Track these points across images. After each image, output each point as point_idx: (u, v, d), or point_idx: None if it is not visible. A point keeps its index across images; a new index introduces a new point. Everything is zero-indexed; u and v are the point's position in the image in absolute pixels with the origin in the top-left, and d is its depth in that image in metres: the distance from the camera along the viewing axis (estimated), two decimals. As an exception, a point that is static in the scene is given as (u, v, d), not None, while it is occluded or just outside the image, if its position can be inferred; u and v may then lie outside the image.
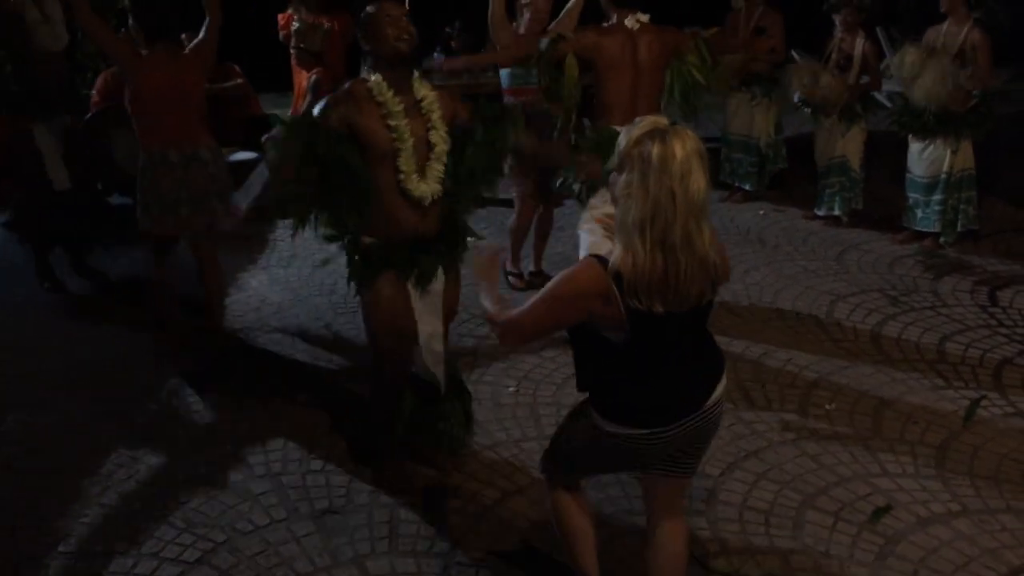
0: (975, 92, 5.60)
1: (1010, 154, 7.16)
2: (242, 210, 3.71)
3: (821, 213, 6.53)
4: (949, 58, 5.49)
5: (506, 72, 5.28)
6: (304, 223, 3.19)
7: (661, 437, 2.37)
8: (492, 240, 6.00)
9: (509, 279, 5.44)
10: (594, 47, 4.25)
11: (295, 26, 6.87)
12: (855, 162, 6.30)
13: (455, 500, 3.44)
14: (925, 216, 5.97)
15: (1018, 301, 5.18)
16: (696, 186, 2.14)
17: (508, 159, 3.45)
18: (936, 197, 5.87)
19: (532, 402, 4.13)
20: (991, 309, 5.09)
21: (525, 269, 5.54)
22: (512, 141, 3.42)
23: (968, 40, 5.51)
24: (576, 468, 2.70)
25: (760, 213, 6.76)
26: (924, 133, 5.81)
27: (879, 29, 5.83)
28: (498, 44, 4.96)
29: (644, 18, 4.30)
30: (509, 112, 3.47)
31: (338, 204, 3.15)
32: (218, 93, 5.27)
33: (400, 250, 3.18)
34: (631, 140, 2.19)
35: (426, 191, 3.14)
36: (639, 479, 2.81)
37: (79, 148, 5.21)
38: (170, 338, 4.63)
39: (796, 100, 6.30)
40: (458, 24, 8.58)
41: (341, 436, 3.84)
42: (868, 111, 6.22)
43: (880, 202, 6.56)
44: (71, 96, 5.16)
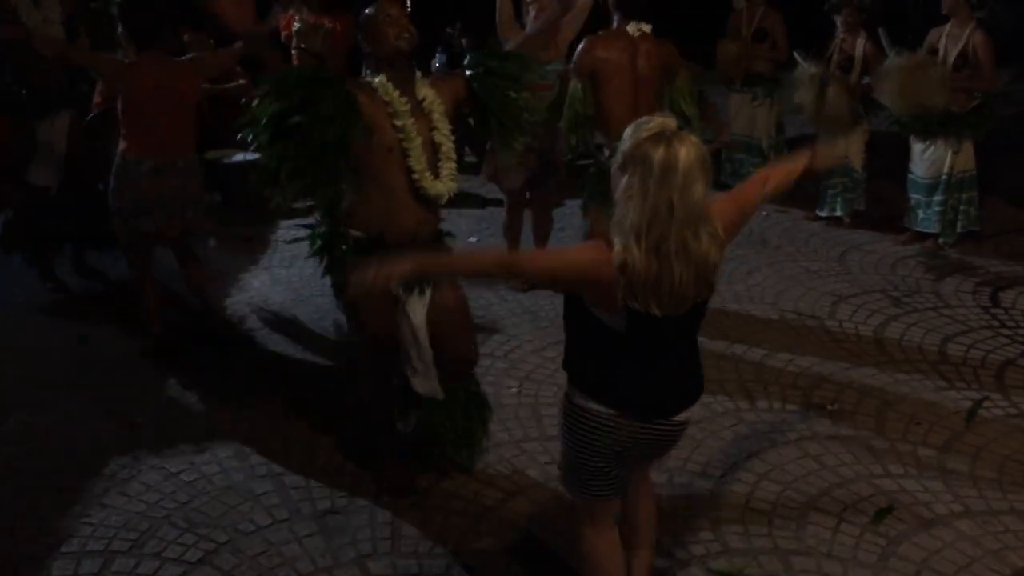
0: (976, 93, 5.61)
1: (1011, 155, 7.15)
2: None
3: (823, 214, 6.53)
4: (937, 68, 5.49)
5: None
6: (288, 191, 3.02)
7: (623, 428, 2.36)
8: (492, 241, 6.01)
9: (510, 280, 5.43)
10: (599, 63, 4.33)
11: (296, 27, 6.85)
12: (857, 163, 6.30)
13: (457, 501, 3.43)
14: (926, 217, 5.96)
15: (1020, 302, 5.17)
16: (696, 197, 2.13)
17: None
18: (937, 198, 5.87)
19: (534, 403, 4.13)
20: (993, 310, 5.08)
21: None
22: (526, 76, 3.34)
23: (970, 42, 5.51)
24: (576, 468, 2.68)
25: (762, 214, 6.75)
26: (925, 134, 5.82)
27: (880, 30, 5.82)
28: (505, 43, 4.96)
29: (647, 28, 4.37)
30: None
31: (327, 180, 3.03)
32: (219, 94, 5.24)
33: (394, 249, 3.15)
34: (637, 141, 2.17)
35: (442, 190, 3.13)
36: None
37: (80, 148, 5.20)
38: (155, 347, 4.62)
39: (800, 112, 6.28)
40: (458, 24, 8.58)
41: (343, 436, 3.84)
42: (870, 112, 6.22)
43: (882, 203, 6.56)
44: (72, 95, 5.16)
